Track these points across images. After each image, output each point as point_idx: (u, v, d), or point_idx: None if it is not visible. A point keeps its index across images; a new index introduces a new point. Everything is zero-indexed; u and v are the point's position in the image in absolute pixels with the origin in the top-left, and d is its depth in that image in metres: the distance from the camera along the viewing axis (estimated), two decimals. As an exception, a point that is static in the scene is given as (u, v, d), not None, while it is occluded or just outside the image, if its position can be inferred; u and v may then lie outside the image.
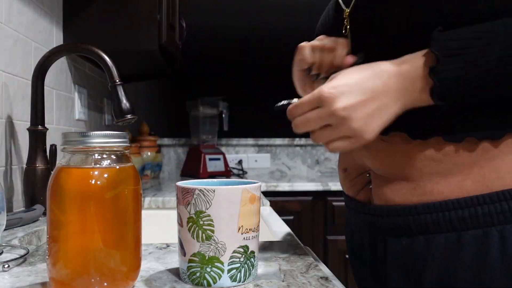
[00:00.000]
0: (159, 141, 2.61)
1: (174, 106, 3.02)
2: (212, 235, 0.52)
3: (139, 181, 0.53)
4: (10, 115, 1.09)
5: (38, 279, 0.56)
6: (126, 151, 0.52)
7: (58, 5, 1.46)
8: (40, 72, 1.06)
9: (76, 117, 1.59)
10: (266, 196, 2.05)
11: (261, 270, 0.59)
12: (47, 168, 1.06)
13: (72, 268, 0.48)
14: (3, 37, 1.06)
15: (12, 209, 1.09)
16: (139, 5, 1.51)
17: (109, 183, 0.49)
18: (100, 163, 0.50)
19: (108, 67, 1.04)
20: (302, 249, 0.71)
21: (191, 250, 0.53)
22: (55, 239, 0.48)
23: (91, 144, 0.49)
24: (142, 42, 1.51)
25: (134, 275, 0.52)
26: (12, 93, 1.10)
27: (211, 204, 0.52)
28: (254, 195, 0.54)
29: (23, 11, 1.17)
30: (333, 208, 2.05)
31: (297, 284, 0.53)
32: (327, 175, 2.58)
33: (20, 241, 0.82)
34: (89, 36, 1.50)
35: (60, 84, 1.44)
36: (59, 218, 0.48)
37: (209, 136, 2.46)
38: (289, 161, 2.67)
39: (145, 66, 1.89)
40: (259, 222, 0.56)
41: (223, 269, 0.52)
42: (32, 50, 1.23)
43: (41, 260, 0.65)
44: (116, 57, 1.08)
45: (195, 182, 0.58)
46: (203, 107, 2.39)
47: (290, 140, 2.67)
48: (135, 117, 1.05)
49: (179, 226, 0.54)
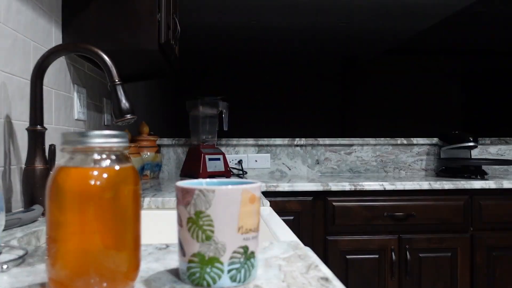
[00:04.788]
0: (159, 141, 2.60)
1: (174, 106, 3.01)
2: (212, 235, 0.52)
3: (139, 181, 0.52)
4: (9, 115, 1.09)
5: (37, 280, 0.55)
6: (125, 151, 0.52)
7: (57, 4, 1.45)
8: (39, 72, 1.06)
9: (75, 117, 1.58)
10: (266, 196, 2.05)
11: (261, 270, 0.59)
12: (46, 168, 1.06)
13: (71, 269, 0.48)
14: (2, 36, 1.06)
15: (11, 209, 1.09)
16: (139, 5, 1.51)
17: (109, 183, 0.48)
18: (99, 163, 0.49)
19: (107, 67, 1.03)
20: (302, 249, 0.71)
21: (191, 251, 0.52)
22: (54, 239, 0.48)
23: (91, 144, 0.49)
24: (142, 42, 1.51)
25: (133, 276, 0.52)
26: (11, 93, 1.10)
27: (211, 204, 0.51)
28: (254, 195, 0.53)
29: (21, 10, 1.17)
30: (333, 208, 2.05)
31: (297, 284, 0.53)
32: (327, 175, 2.58)
33: (19, 242, 0.82)
34: (89, 35, 1.50)
35: (59, 84, 1.43)
36: (58, 219, 0.48)
37: (209, 136, 2.46)
38: (289, 161, 2.67)
39: (145, 66, 1.89)
40: (259, 222, 0.55)
41: (223, 269, 0.52)
42: (31, 50, 1.22)
43: (40, 260, 0.64)
44: (115, 57, 1.08)
45: (195, 182, 0.58)
46: (203, 107, 2.39)
47: (290, 140, 2.66)
48: (135, 117, 1.05)
49: (179, 226, 0.54)
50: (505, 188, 2.13)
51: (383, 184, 2.06)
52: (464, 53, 8.83)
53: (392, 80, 9.25)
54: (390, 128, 9.10)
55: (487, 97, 9.37)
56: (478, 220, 2.11)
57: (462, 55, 8.95)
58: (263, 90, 9.10)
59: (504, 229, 2.12)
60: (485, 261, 2.10)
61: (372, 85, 9.21)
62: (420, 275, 2.06)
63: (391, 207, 2.08)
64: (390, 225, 2.07)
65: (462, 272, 2.08)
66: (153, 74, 2.11)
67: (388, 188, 2.07)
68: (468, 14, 6.16)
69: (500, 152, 2.78)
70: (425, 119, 9.22)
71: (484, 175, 2.31)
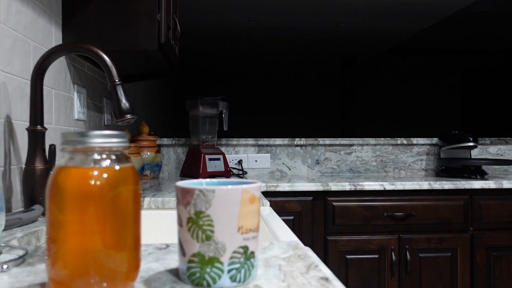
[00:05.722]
0: (159, 141, 2.60)
1: (174, 106, 3.01)
2: (212, 235, 0.52)
3: (139, 181, 0.52)
4: (9, 115, 1.09)
5: (37, 280, 0.55)
6: (125, 151, 0.52)
7: (57, 4, 1.45)
8: (39, 72, 1.06)
9: (75, 117, 1.58)
10: (266, 196, 2.05)
11: (261, 270, 0.59)
12: (46, 168, 1.06)
13: (71, 269, 0.48)
14: (2, 36, 1.06)
15: (11, 209, 1.09)
16: (138, 5, 1.51)
17: (109, 183, 0.48)
18: (99, 163, 0.49)
19: (107, 66, 1.03)
20: (302, 249, 0.71)
21: (191, 251, 0.52)
22: (54, 239, 0.48)
23: (91, 144, 0.49)
24: (142, 42, 1.50)
25: (133, 276, 0.52)
26: (11, 93, 1.10)
27: (211, 204, 0.51)
28: (254, 195, 0.54)
29: (21, 10, 1.17)
30: (333, 208, 2.05)
31: (297, 284, 0.53)
32: (327, 175, 2.58)
33: (19, 242, 0.82)
34: (89, 35, 1.50)
35: (59, 84, 1.43)
36: (58, 219, 0.48)
37: (209, 136, 2.46)
38: (289, 161, 2.67)
39: (145, 66, 1.89)
40: (259, 222, 0.55)
41: (223, 269, 0.52)
42: (31, 50, 1.22)
43: (40, 260, 0.64)
44: (115, 56, 1.08)
45: (195, 182, 0.58)
46: (203, 107, 2.39)
47: (290, 140, 2.66)
48: (135, 117, 1.05)
49: (179, 226, 0.54)
50: (505, 188, 2.13)
51: (383, 184, 2.06)
52: (464, 53, 8.83)
53: (392, 80, 9.25)
54: (390, 128, 9.10)
55: (487, 97, 9.37)
56: (478, 220, 2.12)
57: (462, 55, 8.95)
58: (263, 90, 9.10)
59: (504, 229, 2.12)
60: (485, 261, 2.10)
61: (372, 85, 9.21)
62: (420, 275, 2.06)
63: (391, 207, 2.08)
64: (390, 225, 2.07)
65: (462, 272, 2.08)
66: (153, 74, 2.11)
67: (388, 188, 2.07)
68: (468, 14, 6.16)
69: (500, 152, 2.78)
70: (425, 119, 9.22)
71: (484, 175, 2.31)
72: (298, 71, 9.20)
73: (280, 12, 5.74)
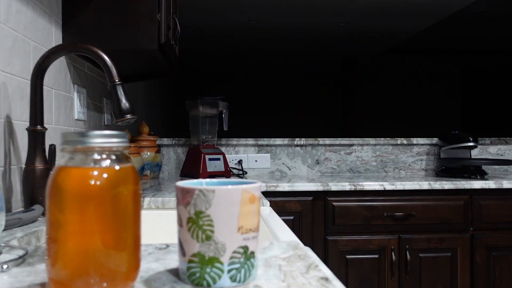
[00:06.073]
0: (159, 141, 2.60)
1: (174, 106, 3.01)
2: (212, 235, 0.52)
3: (139, 181, 0.52)
4: (9, 115, 1.09)
5: (37, 280, 0.55)
6: (125, 151, 0.52)
7: (57, 4, 1.45)
8: (39, 72, 1.06)
9: (75, 117, 1.58)
10: (266, 196, 2.05)
11: (261, 270, 0.59)
12: (46, 168, 1.06)
13: (72, 269, 0.48)
14: (2, 36, 1.06)
15: (11, 209, 1.09)
16: (138, 5, 1.51)
17: (109, 183, 0.48)
18: (99, 163, 0.49)
19: (107, 66, 1.03)
20: (302, 249, 0.71)
21: (191, 251, 0.52)
22: (54, 239, 0.48)
23: (91, 144, 0.49)
24: (142, 42, 1.50)
25: (133, 276, 0.52)
26: (11, 92, 1.10)
27: (211, 204, 0.51)
28: (254, 195, 0.54)
29: (21, 10, 1.17)
30: (333, 208, 2.05)
31: (297, 284, 0.53)
32: (327, 175, 2.58)
33: (19, 242, 0.82)
34: (89, 35, 1.50)
35: (59, 84, 1.43)
36: (58, 219, 0.48)
37: (209, 136, 2.46)
38: (289, 161, 2.67)
39: (145, 66, 1.89)
40: (259, 222, 0.55)
41: (223, 269, 0.52)
42: (31, 50, 1.22)
43: (40, 260, 0.64)
44: (115, 56, 1.08)
45: (195, 182, 0.58)
46: (203, 106, 2.39)
47: (290, 140, 2.66)
48: (135, 117, 1.05)
49: (179, 226, 0.54)
50: (505, 188, 2.13)
51: (383, 184, 2.06)
52: (464, 53, 8.83)
53: (392, 80, 9.25)
54: (390, 128, 9.10)
55: (487, 97, 9.37)
56: (478, 220, 2.12)
57: (462, 55, 8.95)
58: (263, 90, 9.10)
59: (504, 229, 2.12)
60: (485, 261, 2.10)
61: (372, 85, 9.21)
62: (420, 275, 2.06)
63: (391, 207, 2.08)
64: (390, 225, 2.07)
65: (462, 272, 2.08)
66: (153, 74, 2.11)
67: (388, 188, 2.07)
68: (468, 14, 6.16)
69: (500, 152, 2.78)
70: (425, 119, 9.22)
71: (484, 175, 2.31)
72: (298, 71, 9.20)
73: (280, 12, 5.74)
